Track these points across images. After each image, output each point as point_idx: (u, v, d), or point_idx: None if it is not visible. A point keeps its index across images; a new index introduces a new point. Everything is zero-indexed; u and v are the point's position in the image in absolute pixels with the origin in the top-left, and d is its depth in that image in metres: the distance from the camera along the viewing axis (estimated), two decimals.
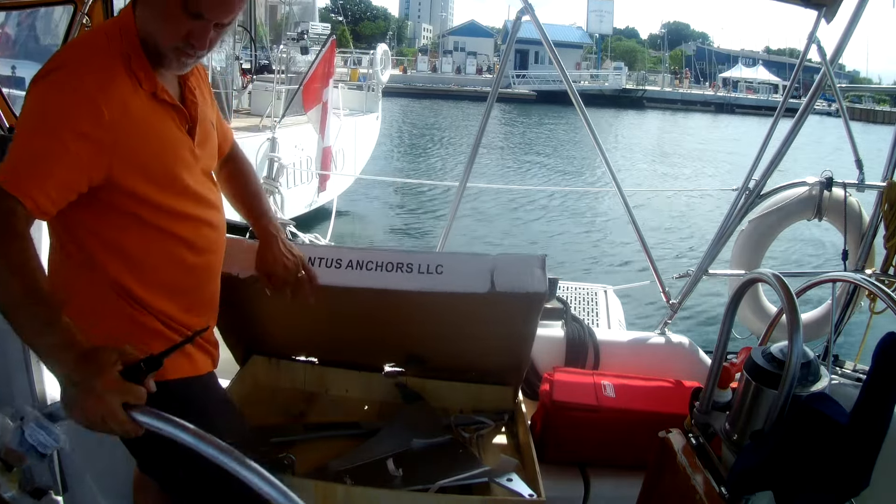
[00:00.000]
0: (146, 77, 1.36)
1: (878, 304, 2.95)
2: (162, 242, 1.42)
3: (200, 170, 1.48)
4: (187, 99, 1.47)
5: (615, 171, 2.76)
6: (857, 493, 1.25)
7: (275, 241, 1.75)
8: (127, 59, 1.33)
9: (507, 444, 1.99)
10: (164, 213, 1.40)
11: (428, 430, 1.91)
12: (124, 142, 1.30)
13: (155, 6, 1.33)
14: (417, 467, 1.73)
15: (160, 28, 1.33)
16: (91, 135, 1.26)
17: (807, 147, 18.23)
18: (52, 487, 2.10)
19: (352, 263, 1.82)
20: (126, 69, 1.33)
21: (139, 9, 1.35)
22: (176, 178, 1.40)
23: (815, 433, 1.25)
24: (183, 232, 1.44)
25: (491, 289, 1.74)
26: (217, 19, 1.34)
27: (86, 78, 1.26)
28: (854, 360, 2.99)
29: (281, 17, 15.16)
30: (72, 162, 1.25)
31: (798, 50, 40.44)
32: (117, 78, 1.31)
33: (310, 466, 1.75)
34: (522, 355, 2.06)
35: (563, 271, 7.65)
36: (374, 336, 2.00)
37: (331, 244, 2.19)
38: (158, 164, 1.37)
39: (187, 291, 1.49)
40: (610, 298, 4.26)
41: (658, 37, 73.78)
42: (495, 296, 1.74)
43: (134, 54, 1.34)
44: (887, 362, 1.21)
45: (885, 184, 3.06)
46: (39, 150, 1.24)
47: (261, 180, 3.15)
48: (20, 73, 6.95)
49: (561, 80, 2.70)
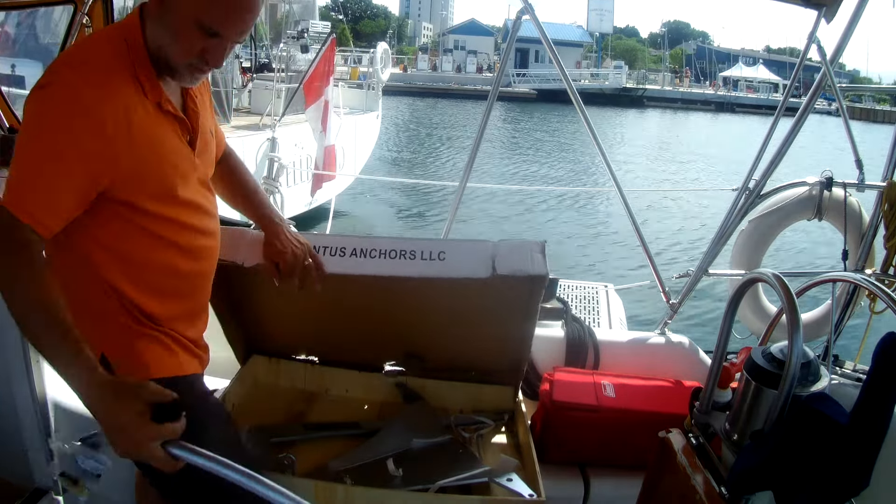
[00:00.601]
0: (152, 87, 1.35)
1: (878, 304, 2.95)
2: (157, 249, 1.42)
3: (198, 179, 1.48)
4: (189, 108, 1.46)
5: (615, 171, 2.75)
6: (856, 493, 1.25)
7: (281, 228, 1.75)
8: (132, 67, 1.32)
9: (507, 444, 1.99)
10: (161, 222, 1.40)
11: (428, 430, 1.91)
12: (126, 155, 1.30)
13: (169, 24, 1.31)
14: (417, 467, 1.73)
15: (174, 44, 1.32)
16: (94, 150, 1.25)
17: (807, 147, 18.22)
18: (52, 487, 2.11)
19: (356, 251, 1.82)
20: (132, 78, 1.32)
21: (150, 23, 1.34)
22: (174, 190, 1.40)
23: (815, 433, 1.25)
24: (178, 239, 1.44)
25: (492, 273, 1.75)
26: (234, 38, 1.34)
27: (85, 91, 1.24)
28: (854, 360, 3.00)
29: (281, 15, 15.14)
30: (78, 181, 1.25)
31: (798, 49, 40.27)
32: (121, 88, 1.30)
33: (310, 466, 1.75)
34: (522, 353, 2.06)
35: (563, 270, 7.65)
36: (375, 329, 2.00)
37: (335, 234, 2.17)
38: (158, 176, 1.37)
39: (180, 297, 1.50)
40: (611, 297, 4.27)
41: (658, 36, 73.75)
42: (496, 280, 1.74)
43: (139, 64, 1.33)
44: (887, 362, 1.21)
45: (885, 184, 3.06)
46: (46, 171, 1.23)
47: (261, 180, 3.15)
48: (20, 72, 6.95)
49: (562, 79, 2.70)
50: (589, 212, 12.96)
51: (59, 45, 2.71)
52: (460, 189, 2.76)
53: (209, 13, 1.29)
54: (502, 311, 1.88)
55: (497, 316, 1.90)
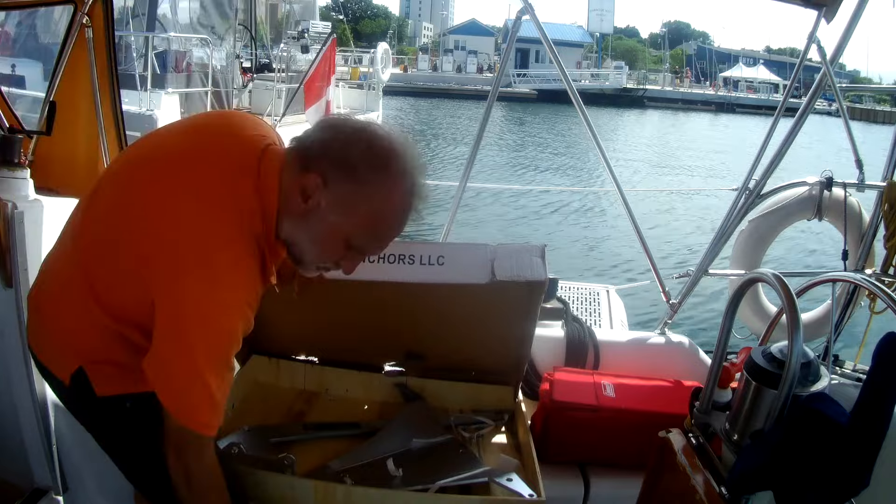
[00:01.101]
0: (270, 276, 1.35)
1: (878, 304, 2.95)
2: None
3: None
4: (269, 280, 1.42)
5: (615, 171, 2.75)
6: (856, 494, 1.25)
7: None
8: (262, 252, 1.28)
9: (507, 444, 1.99)
10: None
11: (428, 430, 1.91)
12: None
13: (314, 229, 1.26)
14: (417, 467, 1.73)
15: (313, 248, 1.30)
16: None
17: (809, 146, 18.22)
18: (52, 487, 2.11)
19: None
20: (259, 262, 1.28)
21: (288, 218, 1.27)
22: None
23: (815, 433, 1.25)
24: None
25: (492, 278, 1.75)
26: (373, 255, 1.37)
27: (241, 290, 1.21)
28: (854, 360, 3.00)
29: (281, 15, 15.13)
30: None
31: (799, 49, 40.24)
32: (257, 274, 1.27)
33: (310, 466, 1.75)
34: (522, 353, 2.06)
35: (563, 271, 7.64)
36: (374, 331, 2.00)
37: None
38: None
39: None
40: (612, 298, 4.27)
41: (659, 36, 73.77)
42: (496, 285, 1.75)
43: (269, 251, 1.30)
44: (887, 362, 1.21)
45: (884, 184, 3.06)
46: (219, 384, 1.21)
47: None
48: (20, 72, 6.96)
49: (562, 79, 2.70)
50: (589, 212, 12.95)
51: (58, 44, 2.70)
52: (460, 189, 2.76)
53: (362, 237, 1.29)
54: (502, 313, 1.88)
55: (497, 318, 1.90)
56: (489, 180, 13.94)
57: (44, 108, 2.51)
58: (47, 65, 5.28)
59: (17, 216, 1.90)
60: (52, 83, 2.62)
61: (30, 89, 6.30)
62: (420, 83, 45.29)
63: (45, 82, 3.21)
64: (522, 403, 2.07)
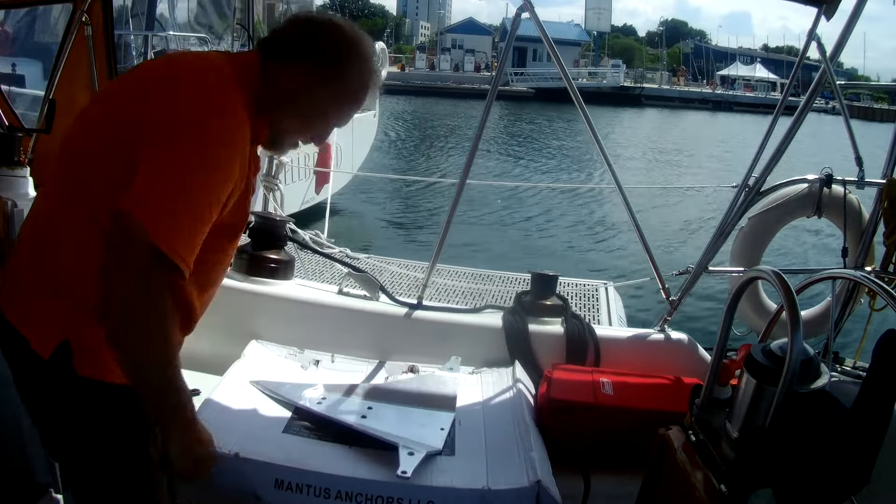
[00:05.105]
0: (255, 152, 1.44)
1: (877, 301, 2.95)
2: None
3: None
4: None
5: (615, 168, 2.75)
6: (857, 491, 1.25)
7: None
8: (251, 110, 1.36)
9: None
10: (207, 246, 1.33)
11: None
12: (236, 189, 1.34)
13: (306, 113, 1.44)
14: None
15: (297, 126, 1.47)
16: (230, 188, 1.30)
17: (807, 144, 18.24)
18: (52, 486, 2.11)
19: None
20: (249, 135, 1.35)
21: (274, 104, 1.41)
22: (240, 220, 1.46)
23: (815, 430, 1.25)
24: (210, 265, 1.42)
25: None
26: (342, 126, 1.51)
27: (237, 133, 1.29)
28: (854, 357, 2.99)
29: (279, 14, 15.09)
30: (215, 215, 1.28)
31: (796, 48, 40.11)
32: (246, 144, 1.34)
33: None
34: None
35: (564, 268, 7.64)
36: None
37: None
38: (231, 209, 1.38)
39: (190, 318, 1.45)
40: (611, 294, 4.27)
41: (656, 34, 73.80)
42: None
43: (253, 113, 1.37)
44: (887, 359, 1.21)
45: (884, 181, 3.06)
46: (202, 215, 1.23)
47: (261, 178, 3.15)
48: (20, 71, 6.94)
49: (559, 78, 2.69)
50: (588, 209, 12.93)
51: (57, 43, 2.70)
52: (459, 186, 2.75)
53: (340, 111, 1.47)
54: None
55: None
56: (488, 178, 13.92)
57: (43, 106, 2.51)
58: (47, 63, 5.25)
59: (16, 214, 1.90)
60: (51, 81, 2.62)
61: (29, 88, 6.28)
62: (417, 82, 45.27)
63: (44, 81, 3.20)
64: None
